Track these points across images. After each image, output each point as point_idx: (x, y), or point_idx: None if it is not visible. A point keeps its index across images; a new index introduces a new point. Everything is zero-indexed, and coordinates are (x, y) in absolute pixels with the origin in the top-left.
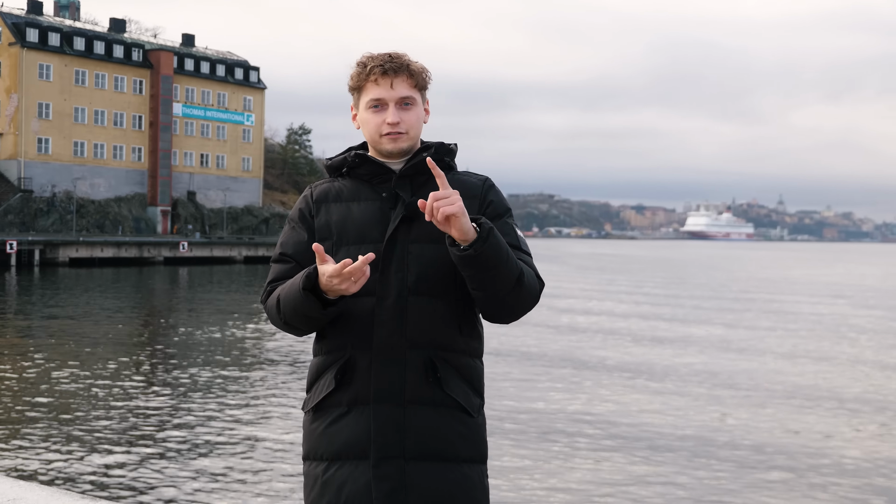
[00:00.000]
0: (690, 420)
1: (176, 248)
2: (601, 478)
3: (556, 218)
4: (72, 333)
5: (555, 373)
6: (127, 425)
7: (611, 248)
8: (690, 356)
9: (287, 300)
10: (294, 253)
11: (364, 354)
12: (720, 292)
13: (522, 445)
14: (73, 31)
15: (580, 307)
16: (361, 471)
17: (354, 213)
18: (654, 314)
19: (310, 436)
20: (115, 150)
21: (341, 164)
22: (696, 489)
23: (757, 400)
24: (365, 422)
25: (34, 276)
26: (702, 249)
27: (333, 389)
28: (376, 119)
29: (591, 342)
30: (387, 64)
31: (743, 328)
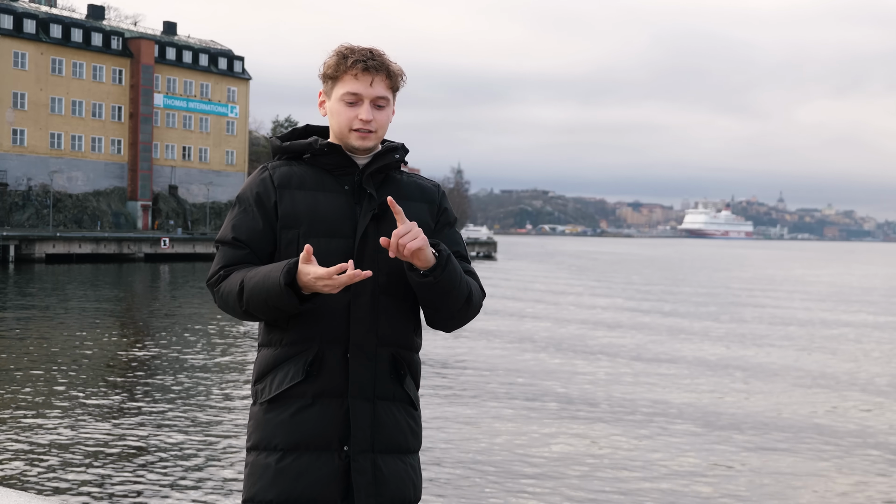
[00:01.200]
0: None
1: (157, 244)
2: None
3: (550, 215)
4: (46, 332)
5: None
6: (103, 428)
7: (605, 246)
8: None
9: (257, 291)
10: (248, 239)
11: (334, 349)
12: (716, 296)
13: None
14: (50, 18)
15: (549, 314)
16: (323, 461)
17: (322, 204)
18: (640, 324)
19: (264, 426)
20: (93, 142)
21: (304, 150)
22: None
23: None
24: (331, 414)
25: (9, 272)
26: (699, 248)
27: (300, 381)
28: (349, 113)
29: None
30: (369, 61)
31: (745, 344)
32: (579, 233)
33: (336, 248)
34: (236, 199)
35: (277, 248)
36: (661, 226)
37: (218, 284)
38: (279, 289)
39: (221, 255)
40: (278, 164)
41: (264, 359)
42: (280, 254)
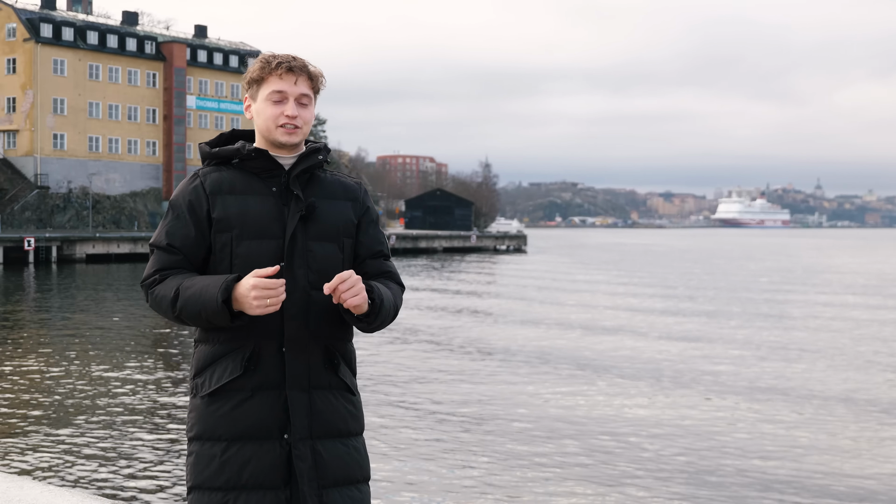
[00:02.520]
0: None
1: None
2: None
3: (579, 207)
4: (91, 330)
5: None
6: (150, 426)
7: (635, 237)
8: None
9: (192, 302)
10: (181, 246)
11: (270, 344)
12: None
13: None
14: (87, 25)
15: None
16: (266, 450)
17: (252, 207)
18: (669, 330)
19: (206, 418)
20: (129, 144)
21: (232, 155)
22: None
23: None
24: (270, 406)
25: (52, 272)
26: (735, 238)
27: (239, 375)
28: (275, 110)
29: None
30: (292, 62)
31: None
32: (610, 224)
33: (267, 249)
34: (169, 205)
35: (212, 251)
36: (693, 216)
37: (153, 287)
38: (215, 305)
39: (156, 259)
40: (209, 171)
41: (202, 354)
42: (215, 256)
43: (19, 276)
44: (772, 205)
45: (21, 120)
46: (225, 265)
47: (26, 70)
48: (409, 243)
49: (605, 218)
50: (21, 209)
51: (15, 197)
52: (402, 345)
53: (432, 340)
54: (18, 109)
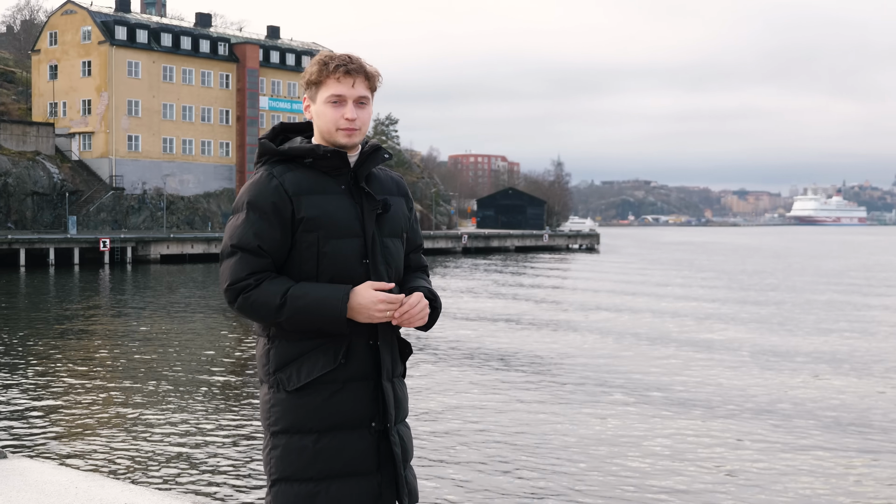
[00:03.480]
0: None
1: None
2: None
3: (652, 205)
4: (165, 330)
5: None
6: (226, 425)
7: (709, 235)
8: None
9: (307, 312)
10: (270, 248)
11: (360, 338)
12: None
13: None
14: (160, 28)
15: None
16: (357, 438)
17: (332, 207)
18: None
19: (295, 411)
20: (203, 145)
21: (306, 154)
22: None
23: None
24: (360, 396)
25: (127, 273)
26: (813, 235)
27: (332, 369)
28: (335, 113)
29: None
30: (349, 65)
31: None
32: (683, 223)
33: (350, 247)
34: (247, 205)
35: (296, 249)
36: (768, 213)
37: (247, 292)
38: (339, 316)
39: (246, 263)
40: (282, 170)
41: (283, 349)
42: (300, 255)
43: (95, 276)
44: (848, 202)
45: (96, 122)
46: (310, 265)
47: (101, 72)
48: (481, 242)
49: (679, 216)
50: (96, 210)
51: (90, 198)
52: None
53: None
54: (93, 111)
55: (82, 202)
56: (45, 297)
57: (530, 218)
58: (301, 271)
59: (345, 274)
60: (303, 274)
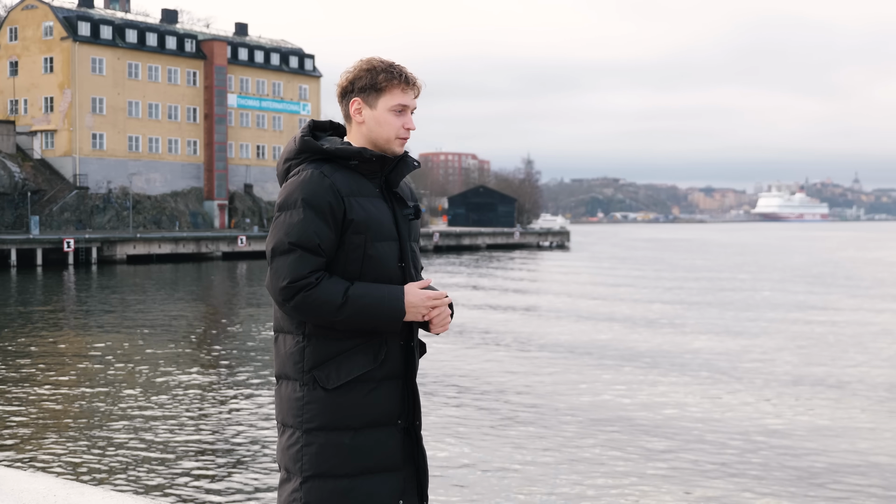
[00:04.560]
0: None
1: (234, 242)
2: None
3: (621, 203)
4: (130, 332)
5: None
6: (190, 428)
7: (677, 232)
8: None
9: (367, 312)
10: (327, 248)
11: (395, 338)
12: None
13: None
14: (125, 24)
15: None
16: (388, 434)
17: (376, 211)
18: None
19: (332, 408)
20: (170, 143)
21: (352, 156)
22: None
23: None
24: (392, 394)
25: (92, 274)
26: (777, 231)
27: (372, 368)
28: (398, 122)
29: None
30: (411, 76)
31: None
32: (651, 220)
33: (390, 250)
34: (303, 202)
35: (342, 250)
36: (733, 210)
37: (309, 290)
38: (399, 316)
39: (306, 261)
40: (331, 170)
41: (320, 347)
42: (346, 256)
43: (59, 277)
44: (811, 199)
45: (59, 120)
46: (355, 266)
47: (64, 69)
48: (452, 241)
49: (647, 213)
50: (60, 210)
51: (53, 198)
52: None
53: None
54: (56, 109)
55: (45, 202)
56: (7, 299)
57: (501, 216)
58: (345, 272)
59: (385, 276)
60: (347, 274)
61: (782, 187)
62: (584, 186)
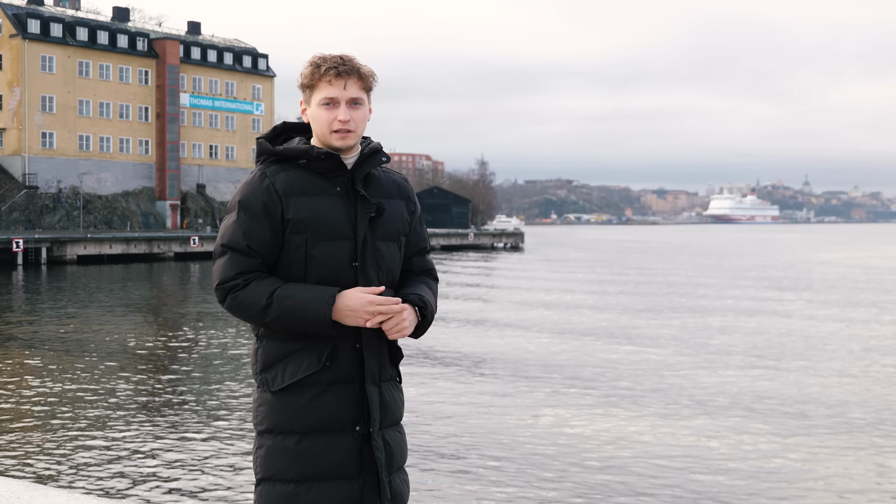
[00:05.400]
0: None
1: (186, 242)
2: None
3: (574, 204)
4: (79, 334)
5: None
6: (171, 428)
7: (630, 234)
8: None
9: (292, 313)
10: (259, 248)
11: (347, 341)
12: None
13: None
14: (76, 21)
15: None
16: (339, 441)
17: (323, 209)
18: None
19: (279, 411)
20: (121, 143)
21: (300, 155)
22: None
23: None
24: (344, 399)
25: (41, 274)
26: (729, 233)
27: (316, 371)
28: (328, 115)
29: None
30: (340, 66)
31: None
32: (604, 221)
33: (340, 249)
34: (239, 204)
35: (284, 251)
36: (686, 212)
37: (235, 291)
38: (323, 319)
39: (235, 262)
40: (275, 170)
41: (270, 349)
42: (288, 257)
43: (8, 278)
44: (762, 201)
45: (8, 118)
46: (298, 266)
47: (13, 67)
48: None
49: (600, 215)
50: (8, 210)
51: (2, 197)
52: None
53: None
54: (5, 107)
55: None
56: None
57: (455, 217)
58: (290, 273)
59: (332, 277)
60: (291, 275)
61: (734, 189)
62: (537, 188)
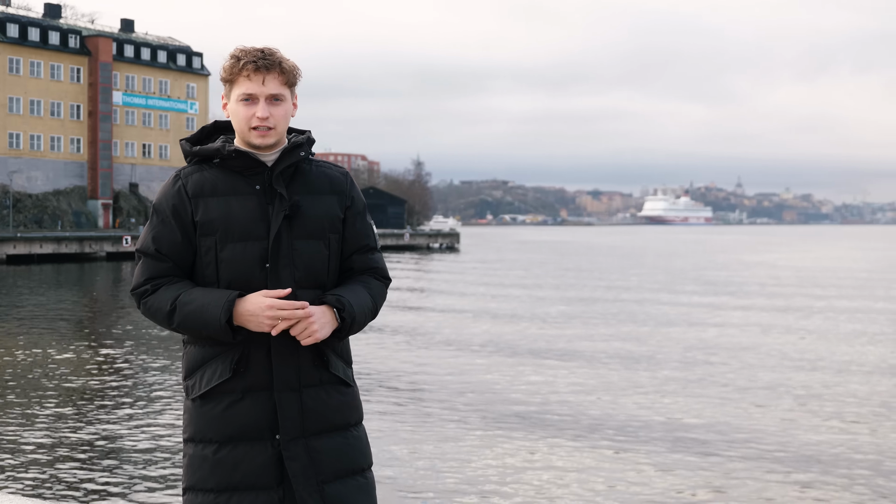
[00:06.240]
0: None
1: (119, 242)
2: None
3: (510, 205)
4: (8, 336)
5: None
6: (66, 433)
7: (565, 234)
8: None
9: (192, 318)
10: (169, 252)
11: (259, 347)
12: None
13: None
14: (6, 18)
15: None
16: (257, 451)
17: (235, 209)
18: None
19: (197, 420)
20: (52, 141)
21: (213, 154)
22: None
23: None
24: (261, 407)
25: None
26: (661, 234)
27: (228, 378)
28: (247, 112)
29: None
30: (259, 61)
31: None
32: (540, 222)
33: (251, 251)
34: (153, 208)
35: (197, 255)
36: (620, 213)
37: (145, 297)
38: (218, 325)
39: (146, 267)
40: (190, 172)
41: (191, 356)
42: (200, 260)
43: None
44: (695, 202)
45: None
46: (210, 269)
47: None
48: None
49: (536, 216)
50: None
51: None
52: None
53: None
54: None
55: None
56: None
57: (391, 217)
58: (203, 276)
59: (241, 279)
60: (205, 279)
61: (668, 191)
62: (473, 188)
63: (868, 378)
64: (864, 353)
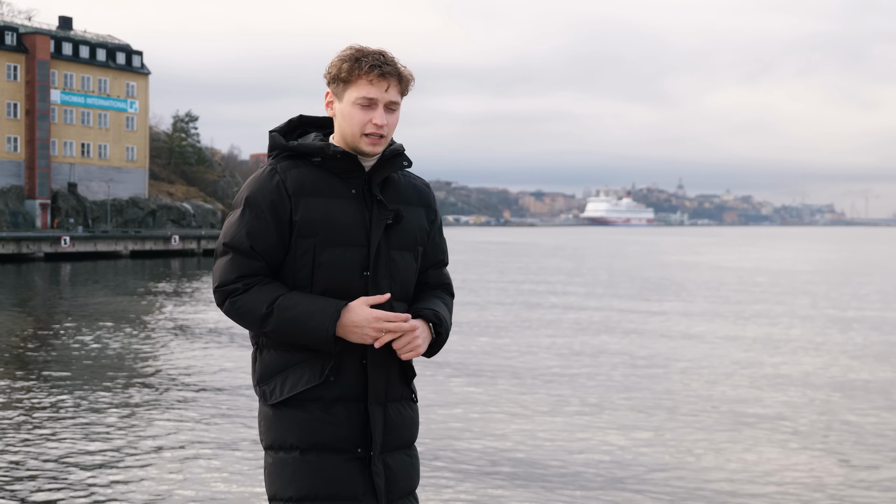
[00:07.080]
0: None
1: (57, 243)
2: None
3: (453, 206)
4: None
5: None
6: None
7: (508, 235)
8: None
9: (293, 325)
10: (263, 250)
11: (352, 356)
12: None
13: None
14: None
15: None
16: (343, 460)
17: (336, 213)
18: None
19: (277, 426)
20: None
21: (315, 153)
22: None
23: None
24: (348, 418)
25: None
26: (604, 236)
27: (317, 384)
28: (363, 117)
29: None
30: (384, 66)
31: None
32: (483, 223)
33: (351, 257)
34: (245, 201)
35: (291, 255)
36: (563, 214)
37: (235, 296)
38: (325, 335)
39: (236, 264)
40: (286, 167)
41: (270, 359)
42: (295, 261)
43: None
44: (637, 204)
45: None
46: (305, 272)
47: None
48: None
49: (479, 216)
50: None
51: None
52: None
53: None
54: None
55: None
56: None
57: None
58: (295, 279)
59: (340, 286)
60: (297, 282)
61: (610, 192)
62: None
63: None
64: (801, 362)
